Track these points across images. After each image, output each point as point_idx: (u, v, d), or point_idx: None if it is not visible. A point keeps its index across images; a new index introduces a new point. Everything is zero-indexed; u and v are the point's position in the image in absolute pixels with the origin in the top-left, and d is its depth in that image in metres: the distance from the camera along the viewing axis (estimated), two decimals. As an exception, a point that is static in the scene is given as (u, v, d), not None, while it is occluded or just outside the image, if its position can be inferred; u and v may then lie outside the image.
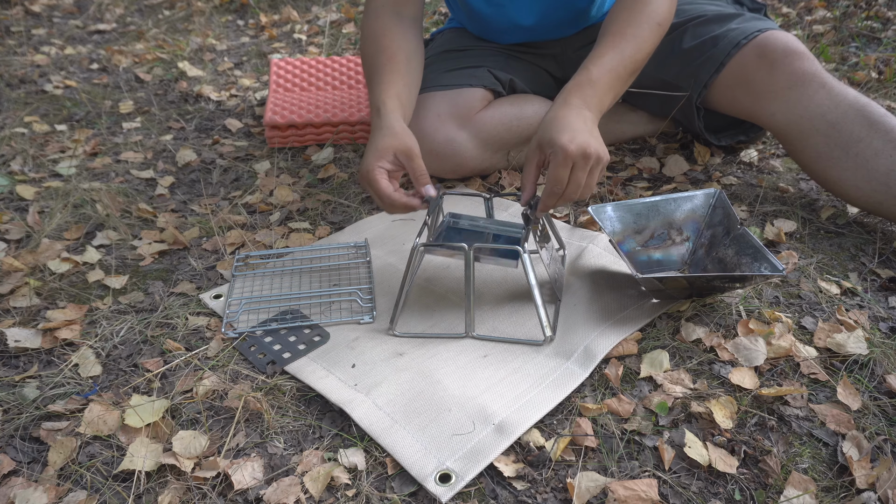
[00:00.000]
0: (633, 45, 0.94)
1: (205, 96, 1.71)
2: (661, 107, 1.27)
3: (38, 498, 0.66)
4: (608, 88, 0.92)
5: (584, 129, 0.84)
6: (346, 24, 2.22)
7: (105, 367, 0.84)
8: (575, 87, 0.90)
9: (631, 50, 0.94)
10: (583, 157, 0.82)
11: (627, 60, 0.94)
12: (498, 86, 1.20)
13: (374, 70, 1.01)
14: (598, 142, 0.84)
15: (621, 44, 0.94)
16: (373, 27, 1.05)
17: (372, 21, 1.06)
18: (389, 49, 1.02)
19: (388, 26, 1.04)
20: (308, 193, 1.23)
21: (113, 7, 2.50)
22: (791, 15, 2.02)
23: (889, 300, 0.90)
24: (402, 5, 1.07)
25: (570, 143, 0.82)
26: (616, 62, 0.93)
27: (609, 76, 0.92)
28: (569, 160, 0.82)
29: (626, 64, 0.94)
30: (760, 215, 1.09)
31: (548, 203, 0.85)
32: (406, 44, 1.04)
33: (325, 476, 0.67)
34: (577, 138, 0.82)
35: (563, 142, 0.82)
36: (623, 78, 0.94)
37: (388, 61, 1.00)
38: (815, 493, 0.64)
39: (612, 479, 0.66)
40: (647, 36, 0.96)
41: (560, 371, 0.79)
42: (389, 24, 1.05)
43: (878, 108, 1.01)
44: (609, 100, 0.93)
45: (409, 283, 0.85)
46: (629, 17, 0.96)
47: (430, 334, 0.86)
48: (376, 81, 0.99)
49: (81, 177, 1.31)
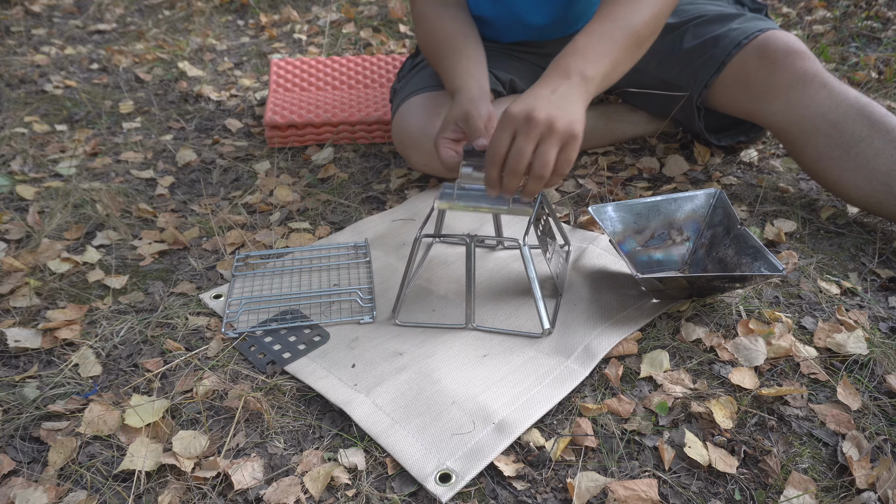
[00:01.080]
0: (628, 9, 0.88)
1: (205, 96, 1.71)
2: (661, 107, 1.27)
3: (38, 498, 0.66)
4: (599, 54, 0.84)
5: (546, 96, 0.78)
6: (346, 24, 2.22)
7: (105, 367, 0.84)
8: (555, 60, 0.85)
9: (627, 13, 0.88)
10: (525, 120, 0.75)
11: (622, 23, 0.87)
12: (498, 85, 1.20)
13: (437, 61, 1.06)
14: (560, 111, 0.76)
15: (615, 10, 0.88)
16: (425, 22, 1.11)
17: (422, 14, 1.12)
18: (445, 37, 1.06)
19: (437, 14, 1.10)
20: (308, 193, 1.23)
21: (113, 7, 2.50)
22: (791, 15, 2.02)
23: (889, 300, 0.90)
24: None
25: (515, 105, 0.76)
26: (606, 27, 0.87)
27: (599, 42, 0.85)
28: (508, 123, 0.76)
29: (621, 27, 0.87)
30: (760, 215, 1.09)
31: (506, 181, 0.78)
32: (458, 26, 1.08)
33: (325, 476, 0.67)
34: (523, 102, 0.76)
35: (509, 110, 0.77)
36: (621, 42, 0.86)
37: (448, 49, 1.05)
38: (815, 493, 0.64)
39: (612, 479, 0.66)
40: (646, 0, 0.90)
41: (560, 369, 0.79)
42: (438, 13, 1.10)
43: (879, 107, 1.01)
44: (604, 66, 0.84)
45: (413, 274, 0.85)
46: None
47: (431, 324, 0.87)
48: (443, 69, 1.04)
49: (81, 177, 1.31)
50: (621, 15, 0.88)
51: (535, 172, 0.77)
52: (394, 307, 0.88)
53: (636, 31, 0.89)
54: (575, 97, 0.80)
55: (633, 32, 0.88)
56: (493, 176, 0.79)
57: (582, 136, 0.78)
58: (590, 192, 1.17)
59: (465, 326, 0.86)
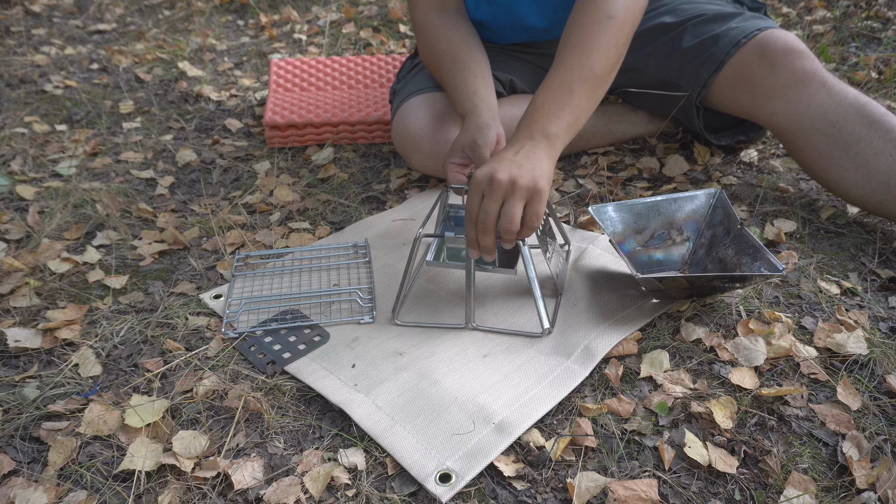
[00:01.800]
0: (582, 53, 0.89)
1: (205, 96, 1.71)
2: (660, 106, 1.27)
3: (38, 498, 0.66)
4: (558, 108, 0.87)
5: (509, 158, 0.82)
6: (346, 24, 2.22)
7: (105, 367, 0.84)
8: (521, 120, 0.88)
9: (581, 58, 0.89)
10: (489, 182, 0.79)
11: (578, 70, 0.88)
12: (498, 86, 1.20)
13: (443, 77, 1.08)
14: (521, 170, 0.80)
15: (568, 58, 0.89)
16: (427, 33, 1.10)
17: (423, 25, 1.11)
18: (449, 49, 1.07)
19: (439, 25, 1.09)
20: (308, 193, 1.23)
21: (113, 7, 2.50)
22: (791, 15, 2.02)
23: (889, 300, 0.90)
24: (446, 4, 1.11)
25: (479, 171, 0.81)
26: (563, 76, 0.88)
27: (557, 94, 0.87)
28: (475, 188, 0.81)
29: (577, 74, 0.88)
30: (760, 215, 1.09)
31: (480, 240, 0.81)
32: (461, 37, 1.08)
33: (325, 476, 0.67)
34: (488, 166, 0.81)
35: (475, 177, 0.81)
36: (579, 88, 0.88)
37: (453, 64, 1.06)
38: (815, 493, 0.64)
39: (612, 479, 0.66)
40: (597, 35, 0.90)
41: (560, 370, 0.79)
42: (440, 23, 1.09)
43: (879, 107, 1.01)
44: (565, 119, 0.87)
45: (414, 274, 0.85)
46: (575, 20, 0.92)
47: (431, 324, 0.87)
48: (450, 88, 1.05)
49: (81, 177, 1.31)
50: (576, 61, 0.89)
51: (503, 227, 0.80)
52: (394, 307, 0.88)
53: (594, 73, 0.89)
54: (539, 155, 0.83)
55: (591, 75, 0.89)
56: (471, 237, 0.83)
57: (548, 190, 0.81)
58: (590, 192, 1.17)
59: (465, 326, 0.86)
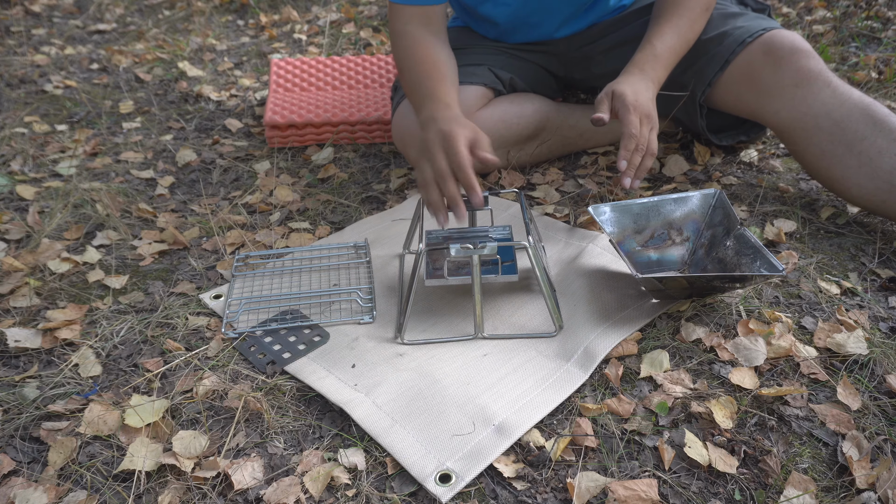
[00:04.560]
0: (687, 25, 1.05)
1: (205, 96, 1.71)
2: (663, 106, 1.27)
3: (38, 498, 0.66)
4: (667, 64, 1.03)
5: (647, 94, 0.97)
6: (346, 24, 2.22)
7: (105, 367, 0.84)
8: (642, 59, 1.02)
9: (685, 30, 1.05)
10: (646, 115, 0.95)
11: (682, 40, 1.04)
12: (498, 84, 1.20)
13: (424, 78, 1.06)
14: (655, 109, 0.97)
15: (679, 23, 1.04)
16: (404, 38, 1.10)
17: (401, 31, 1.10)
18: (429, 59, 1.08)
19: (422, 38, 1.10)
20: (308, 193, 1.23)
21: (113, 7, 2.50)
22: (791, 15, 2.02)
23: (889, 300, 0.90)
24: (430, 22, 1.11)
25: (636, 98, 0.94)
26: (675, 40, 1.04)
27: (669, 53, 1.03)
28: (637, 111, 0.94)
29: (682, 43, 1.04)
30: (760, 215, 1.09)
31: (632, 158, 0.93)
32: (441, 52, 1.09)
33: (325, 476, 0.67)
34: (640, 97, 0.95)
35: (629, 97, 0.94)
36: (679, 56, 1.05)
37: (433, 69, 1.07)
38: (815, 493, 0.64)
39: (612, 479, 0.66)
40: (697, 18, 1.06)
41: (560, 373, 0.79)
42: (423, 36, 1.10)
43: (883, 107, 1.01)
44: (664, 75, 1.03)
45: (414, 291, 0.84)
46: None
47: (440, 339, 0.85)
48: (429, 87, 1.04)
49: (81, 177, 1.31)
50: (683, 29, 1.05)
51: (651, 150, 0.96)
52: (397, 327, 0.86)
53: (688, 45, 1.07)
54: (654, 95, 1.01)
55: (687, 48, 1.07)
56: (634, 160, 0.95)
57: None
58: (590, 192, 1.17)
59: (475, 337, 0.85)
